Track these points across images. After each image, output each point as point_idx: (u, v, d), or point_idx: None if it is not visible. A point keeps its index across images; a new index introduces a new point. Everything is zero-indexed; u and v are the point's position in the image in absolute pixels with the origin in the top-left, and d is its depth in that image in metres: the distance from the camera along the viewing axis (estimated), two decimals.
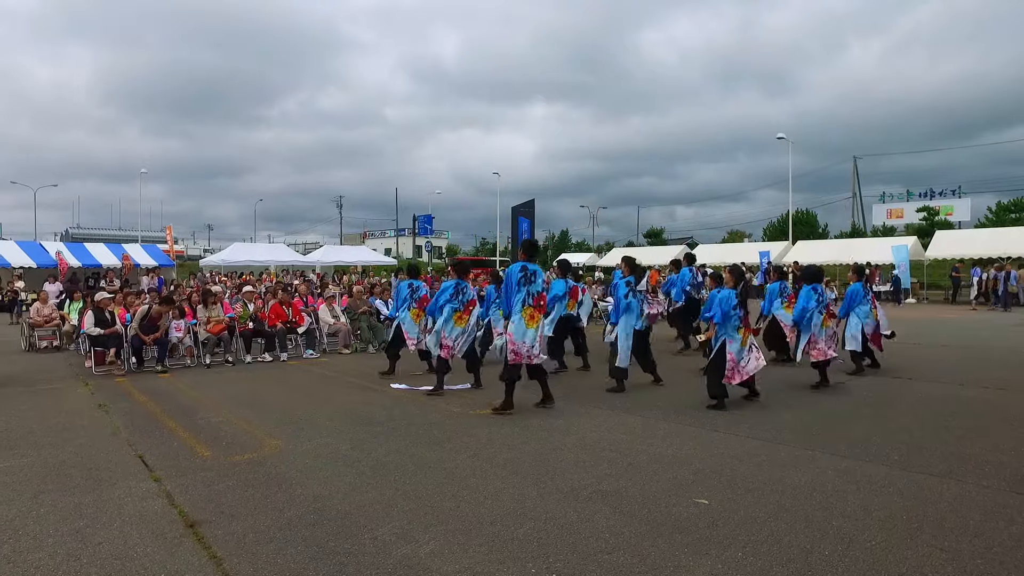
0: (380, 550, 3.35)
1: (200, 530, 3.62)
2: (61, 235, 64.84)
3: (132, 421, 6.38)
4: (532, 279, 6.52)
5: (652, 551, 3.29)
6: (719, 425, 5.86)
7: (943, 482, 4.26)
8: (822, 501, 3.93)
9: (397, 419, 6.32)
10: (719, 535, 3.47)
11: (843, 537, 3.41)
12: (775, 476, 4.41)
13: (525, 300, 6.44)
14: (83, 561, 3.27)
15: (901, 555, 3.20)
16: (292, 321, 11.27)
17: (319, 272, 30.07)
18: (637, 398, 7.18)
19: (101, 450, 5.33)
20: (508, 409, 6.39)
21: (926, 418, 6.06)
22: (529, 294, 6.46)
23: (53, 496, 4.22)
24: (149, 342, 9.64)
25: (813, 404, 6.76)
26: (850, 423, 5.88)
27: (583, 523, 3.65)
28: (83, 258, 26.52)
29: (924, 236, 31.45)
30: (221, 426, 6.11)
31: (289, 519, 3.77)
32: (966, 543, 3.33)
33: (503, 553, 3.29)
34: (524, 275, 6.50)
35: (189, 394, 7.81)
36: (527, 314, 6.40)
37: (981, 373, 8.50)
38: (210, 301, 10.79)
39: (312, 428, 5.99)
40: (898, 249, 24.43)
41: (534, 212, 15.20)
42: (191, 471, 4.71)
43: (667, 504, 3.92)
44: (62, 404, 7.29)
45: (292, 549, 3.36)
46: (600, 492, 4.15)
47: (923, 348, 11.18)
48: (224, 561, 3.24)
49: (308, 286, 16.27)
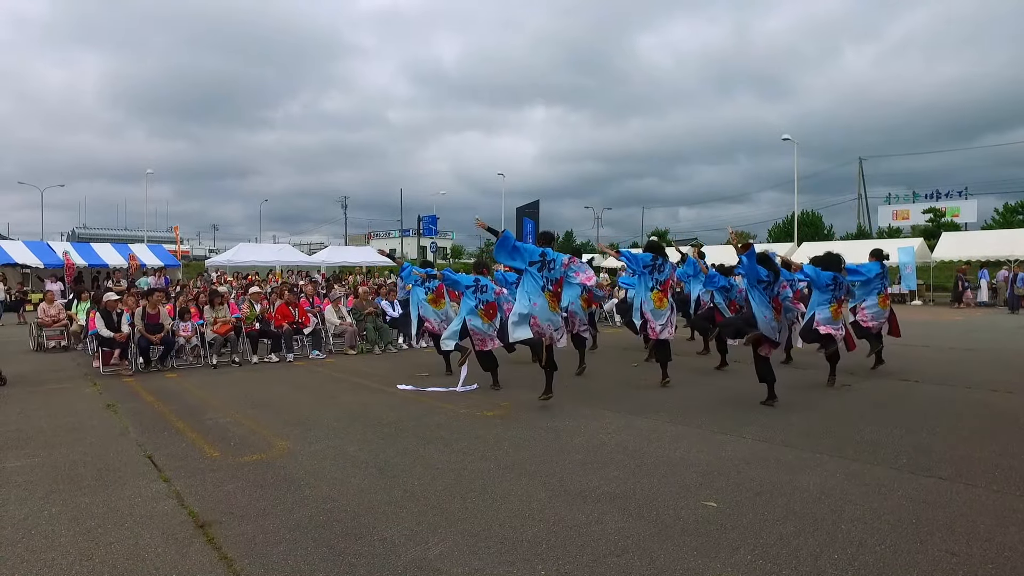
0: (390, 551, 3.36)
1: (210, 531, 3.64)
2: (67, 235, 65.12)
3: (140, 421, 6.41)
4: (551, 265, 6.64)
5: (661, 554, 3.29)
6: (727, 428, 5.85)
7: (952, 486, 4.25)
8: (831, 504, 3.93)
9: (404, 420, 6.34)
10: (728, 538, 3.47)
11: (852, 541, 3.41)
12: (783, 479, 4.41)
13: (545, 286, 6.58)
14: (95, 561, 3.29)
15: (911, 559, 3.20)
16: (298, 322, 11.31)
17: (324, 273, 30.14)
18: (645, 400, 7.17)
19: (110, 450, 5.36)
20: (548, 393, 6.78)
21: (934, 421, 6.04)
22: (548, 280, 6.59)
23: (64, 496, 4.25)
24: (156, 341, 9.68)
25: (821, 407, 6.74)
26: (858, 426, 5.87)
27: (592, 525, 3.66)
28: (89, 258, 26.65)
29: (930, 238, 31.33)
30: (229, 427, 6.14)
31: (299, 520, 3.78)
32: (977, 548, 3.31)
33: (512, 555, 3.30)
34: (543, 260, 6.61)
35: (196, 394, 7.84)
36: (548, 296, 6.59)
37: (989, 376, 8.46)
38: (216, 302, 10.84)
39: (320, 429, 6.01)
40: (904, 251, 24.34)
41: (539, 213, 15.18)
42: (200, 472, 4.73)
43: (675, 507, 3.92)
44: (71, 404, 7.33)
45: (302, 550, 3.38)
46: (609, 494, 4.16)
47: (930, 350, 11.14)
48: (235, 562, 3.26)
49: (314, 287, 16.33)
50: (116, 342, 9.56)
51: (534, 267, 6.58)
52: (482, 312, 7.66)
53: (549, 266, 6.63)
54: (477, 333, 7.69)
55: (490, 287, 7.87)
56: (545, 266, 6.61)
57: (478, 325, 7.64)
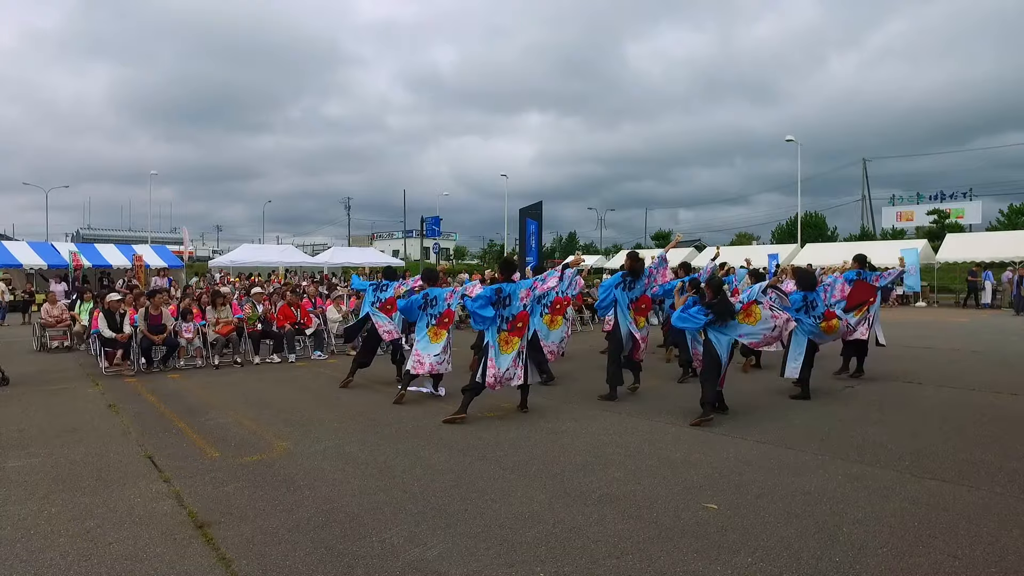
0: (389, 553, 3.35)
1: (209, 531, 3.63)
2: (72, 236, 65.33)
3: (142, 422, 6.42)
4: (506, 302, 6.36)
5: (661, 556, 3.27)
6: (728, 429, 5.82)
7: (955, 488, 4.22)
8: (832, 507, 3.90)
9: (405, 421, 6.33)
10: (728, 540, 3.45)
11: (854, 543, 3.39)
12: (785, 481, 4.38)
13: (500, 325, 6.33)
14: (94, 561, 3.29)
15: (913, 563, 3.17)
16: (300, 323, 11.31)
17: (326, 274, 30.18)
18: (645, 402, 7.15)
19: (111, 450, 5.36)
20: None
21: (937, 423, 6.00)
22: (502, 319, 6.36)
23: (64, 496, 4.25)
24: (158, 342, 9.70)
25: (822, 409, 6.71)
26: (860, 428, 5.84)
27: (592, 527, 3.64)
28: (93, 258, 26.71)
29: (935, 239, 31.20)
30: (230, 427, 6.13)
31: (298, 521, 3.77)
32: (980, 551, 3.29)
33: (512, 556, 3.29)
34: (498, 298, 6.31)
35: (198, 395, 7.85)
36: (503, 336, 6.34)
37: (993, 378, 8.42)
38: (219, 302, 10.85)
39: (320, 430, 6.00)
40: (908, 252, 24.20)
41: (542, 214, 15.13)
42: (200, 472, 4.73)
43: (676, 509, 3.91)
44: (73, 404, 7.35)
45: (301, 551, 3.37)
46: (609, 496, 4.14)
47: (934, 352, 11.09)
48: (233, 563, 3.25)
49: (316, 287, 16.34)
50: (118, 342, 9.58)
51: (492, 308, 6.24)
52: (432, 331, 7.02)
53: (504, 302, 6.30)
54: (419, 355, 7.03)
55: (440, 298, 7.08)
56: (500, 303, 6.29)
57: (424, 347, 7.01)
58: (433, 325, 7.08)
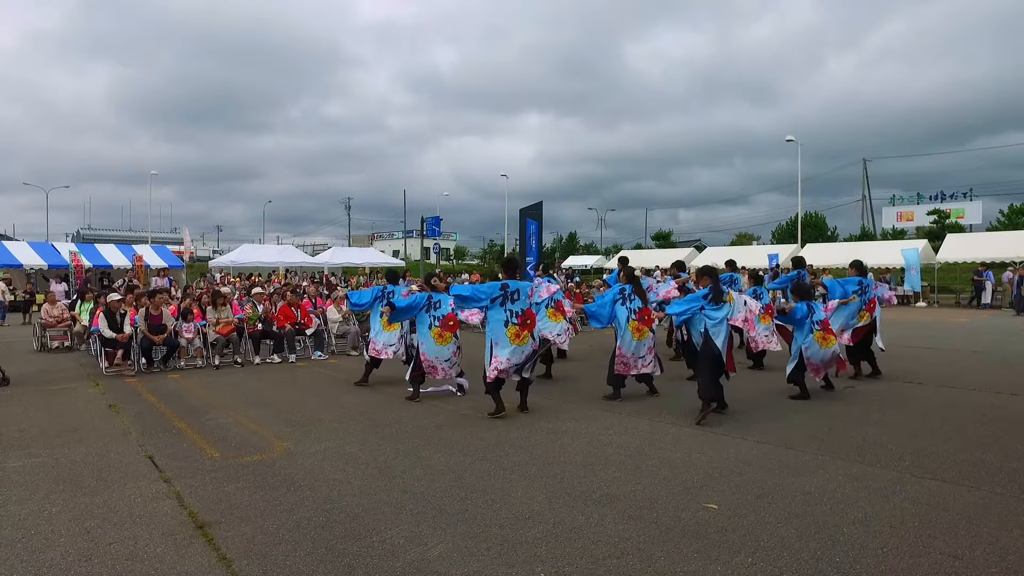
0: (389, 552, 3.35)
1: (210, 531, 3.64)
2: (72, 236, 65.34)
3: (142, 422, 6.42)
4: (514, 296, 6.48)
5: (661, 556, 3.27)
6: (728, 429, 5.83)
7: (956, 488, 4.22)
8: (832, 507, 3.90)
9: (405, 421, 6.33)
10: (728, 540, 3.45)
11: (854, 544, 3.39)
12: (785, 481, 4.38)
13: (509, 319, 6.43)
14: (94, 561, 3.29)
15: (914, 563, 3.17)
16: (301, 323, 11.32)
17: (327, 274, 30.18)
18: (646, 402, 7.15)
19: (112, 450, 5.36)
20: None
21: (937, 423, 6.00)
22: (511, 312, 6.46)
23: (65, 496, 4.25)
24: (159, 342, 9.70)
25: (823, 409, 6.71)
26: (860, 428, 5.84)
27: (592, 527, 3.64)
28: (93, 258, 26.71)
29: (935, 239, 31.19)
30: (230, 427, 6.14)
31: (298, 521, 3.78)
32: (980, 551, 3.29)
33: (512, 556, 3.29)
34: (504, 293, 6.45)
35: (198, 395, 7.85)
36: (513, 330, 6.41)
37: (993, 378, 8.42)
38: (219, 303, 10.85)
39: (320, 430, 6.00)
40: (909, 252, 24.22)
41: (542, 214, 15.10)
42: (200, 472, 4.73)
43: (676, 509, 3.91)
44: (73, 404, 7.35)
45: (301, 551, 3.37)
46: (609, 496, 4.14)
47: (934, 352, 11.09)
48: (234, 563, 3.25)
49: (316, 287, 16.34)
50: (119, 342, 9.58)
51: (496, 303, 6.39)
52: (436, 332, 7.13)
53: (512, 297, 6.43)
54: (428, 360, 7.17)
55: (444, 301, 7.19)
56: (508, 299, 6.42)
57: (430, 348, 7.13)
58: (436, 327, 7.16)
